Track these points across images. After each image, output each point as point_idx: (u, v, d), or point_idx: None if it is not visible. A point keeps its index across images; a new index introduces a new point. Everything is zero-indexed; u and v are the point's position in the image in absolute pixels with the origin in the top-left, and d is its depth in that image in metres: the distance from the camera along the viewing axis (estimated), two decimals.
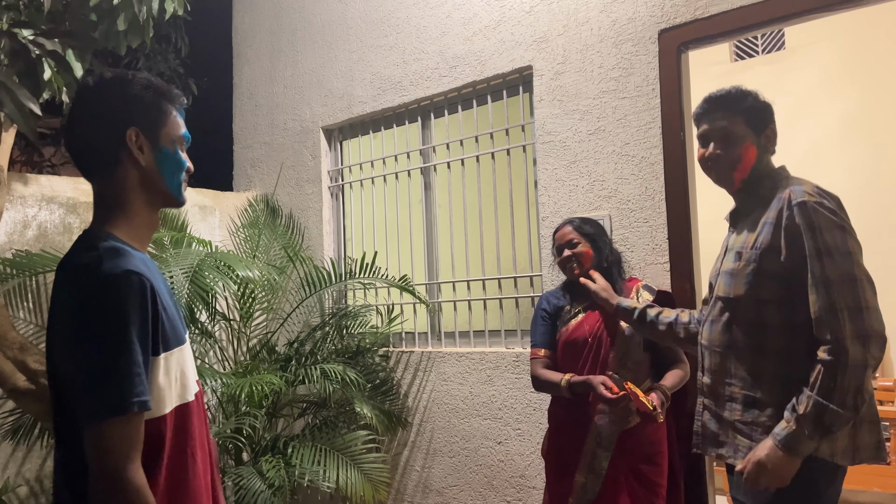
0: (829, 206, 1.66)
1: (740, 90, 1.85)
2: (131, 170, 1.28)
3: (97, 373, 1.13)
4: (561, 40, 3.21)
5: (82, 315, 1.15)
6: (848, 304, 1.58)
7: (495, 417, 3.36)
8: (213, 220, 4.38)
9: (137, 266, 1.19)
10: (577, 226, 2.50)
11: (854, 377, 1.55)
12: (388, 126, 4.05)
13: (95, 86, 1.27)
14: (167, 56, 5.48)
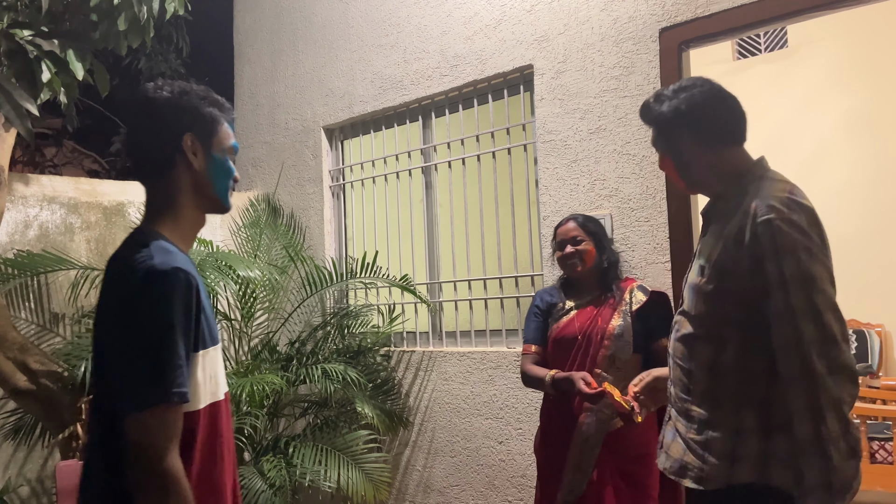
0: (797, 223, 1.47)
1: (653, 98, 1.72)
2: (184, 173, 1.35)
3: (142, 363, 1.19)
4: (562, 39, 3.20)
5: (131, 307, 1.20)
6: (816, 340, 1.41)
7: (497, 417, 3.36)
8: (215, 220, 4.38)
9: (185, 264, 1.26)
10: (581, 222, 2.47)
11: (838, 418, 1.38)
12: (388, 125, 4.05)
13: (156, 94, 1.34)
14: (168, 56, 5.48)
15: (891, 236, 5.25)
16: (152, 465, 1.17)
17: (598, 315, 2.38)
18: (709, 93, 1.67)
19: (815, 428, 1.39)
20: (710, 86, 1.68)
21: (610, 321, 2.35)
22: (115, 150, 5.73)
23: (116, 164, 5.80)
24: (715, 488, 1.56)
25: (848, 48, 5.58)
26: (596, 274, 2.46)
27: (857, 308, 5.31)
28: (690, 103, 1.66)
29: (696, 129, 1.66)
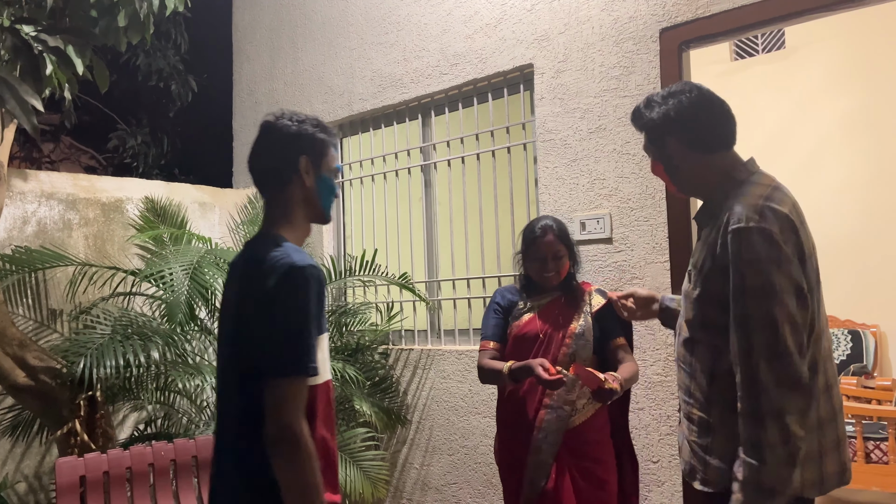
0: (766, 232, 1.48)
1: (643, 104, 1.75)
2: (298, 189, 1.59)
3: (285, 340, 1.42)
4: (562, 38, 3.21)
5: (275, 296, 1.43)
6: (764, 352, 1.45)
7: (492, 416, 3.35)
8: (213, 217, 4.37)
9: (315, 262, 1.51)
10: (558, 235, 2.44)
11: (778, 426, 1.43)
12: (388, 123, 4.05)
13: (278, 121, 1.61)
14: (167, 52, 5.46)
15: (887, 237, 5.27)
16: (285, 425, 1.37)
17: (559, 315, 2.42)
18: (697, 98, 1.68)
19: (754, 432, 1.45)
20: (699, 91, 1.69)
21: (571, 321, 2.39)
22: (113, 147, 5.71)
23: (114, 160, 5.79)
24: (719, 490, 1.58)
25: (845, 50, 5.60)
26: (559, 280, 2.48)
27: (852, 309, 5.34)
28: (678, 109, 1.67)
29: (684, 135, 1.67)
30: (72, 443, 2.91)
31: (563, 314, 2.42)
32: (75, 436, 2.86)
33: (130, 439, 3.36)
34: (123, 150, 5.66)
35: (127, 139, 5.64)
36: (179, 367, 3.26)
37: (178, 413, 3.68)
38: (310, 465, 1.39)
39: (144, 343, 3.05)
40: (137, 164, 5.61)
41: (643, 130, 1.76)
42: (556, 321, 2.41)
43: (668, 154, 1.71)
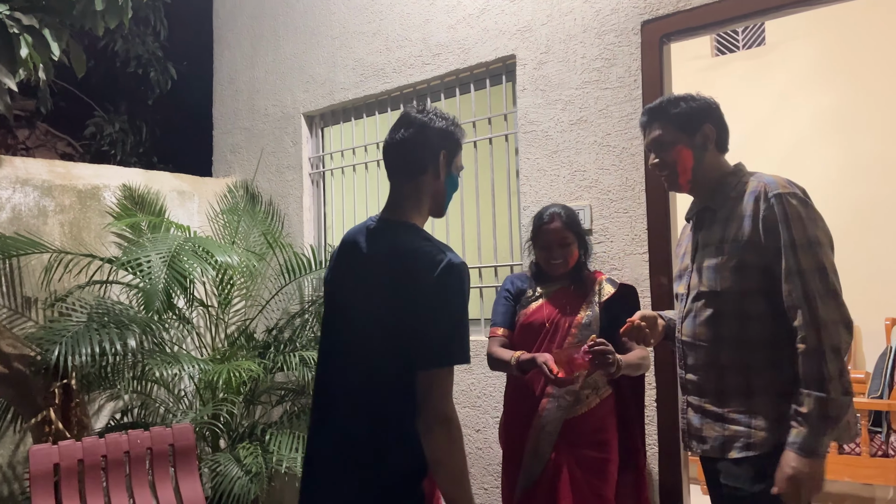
0: (801, 197, 1.73)
1: (671, 99, 1.92)
2: (431, 180, 1.68)
3: (448, 333, 1.51)
4: (544, 30, 3.21)
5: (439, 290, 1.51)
6: (820, 293, 1.64)
7: (474, 405, 3.37)
8: (192, 206, 4.33)
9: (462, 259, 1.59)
10: (566, 222, 2.43)
11: (837, 360, 1.61)
12: (370, 113, 4.03)
13: (426, 115, 1.68)
14: (146, 38, 5.39)
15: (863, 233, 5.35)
16: (443, 410, 1.48)
17: (566, 304, 2.42)
18: (718, 105, 1.93)
19: (817, 368, 1.62)
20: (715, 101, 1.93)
21: (579, 311, 2.39)
22: (90, 134, 5.63)
23: (91, 147, 5.70)
24: (763, 452, 1.71)
25: (824, 47, 5.66)
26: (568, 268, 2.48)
27: None
28: (711, 105, 1.91)
29: (717, 127, 1.89)
30: (46, 431, 2.87)
31: (571, 303, 2.42)
32: (50, 424, 2.83)
33: (106, 428, 3.33)
34: (101, 137, 5.58)
35: (104, 126, 5.56)
36: (157, 355, 3.23)
37: (155, 402, 3.65)
38: (460, 442, 1.51)
39: (121, 331, 3.02)
40: (115, 151, 5.54)
41: (673, 120, 1.89)
42: (564, 310, 2.41)
43: (700, 142, 1.88)
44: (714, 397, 1.82)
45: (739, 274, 1.76)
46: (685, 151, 1.88)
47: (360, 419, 1.60)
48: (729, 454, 1.77)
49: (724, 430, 1.79)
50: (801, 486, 1.63)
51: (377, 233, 1.67)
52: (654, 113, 1.93)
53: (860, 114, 5.49)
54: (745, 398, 1.76)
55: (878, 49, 5.45)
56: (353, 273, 1.68)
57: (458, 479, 1.50)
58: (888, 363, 4.05)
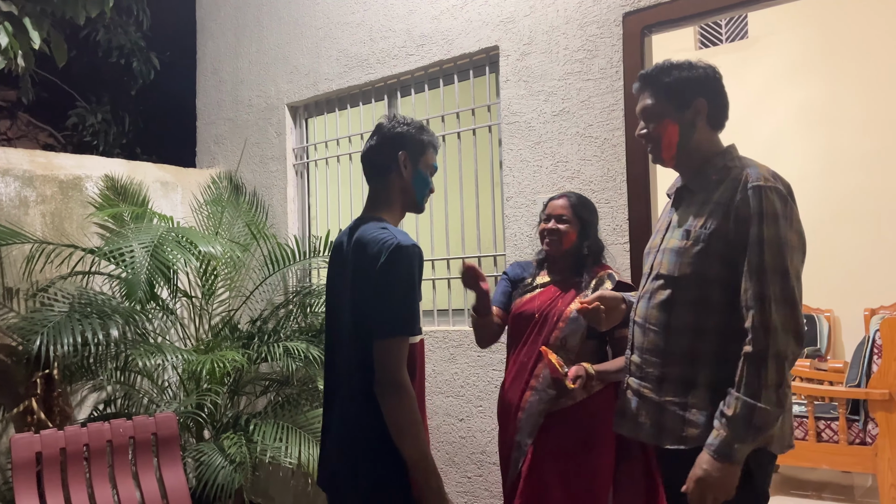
0: (782, 193, 1.62)
1: (667, 65, 1.79)
2: (396, 179, 1.86)
3: (394, 306, 1.67)
4: (527, 21, 3.22)
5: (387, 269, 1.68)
6: (776, 297, 1.55)
7: (457, 395, 3.40)
8: (175, 197, 4.32)
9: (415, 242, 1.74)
10: (573, 203, 2.39)
11: (778, 370, 1.54)
12: (354, 104, 4.03)
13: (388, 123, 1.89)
14: (128, 28, 5.34)
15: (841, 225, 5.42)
16: (391, 376, 1.64)
17: (559, 297, 2.35)
18: (718, 76, 1.79)
19: (755, 374, 1.55)
20: (718, 70, 1.80)
21: (569, 304, 2.30)
22: (72, 124, 5.58)
23: (73, 138, 5.66)
24: (695, 447, 1.64)
25: (805, 41, 5.72)
26: (572, 257, 2.40)
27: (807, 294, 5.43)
28: (709, 77, 1.77)
29: (710, 101, 1.76)
30: (28, 421, 2.87)
31: (564, 297, 2.34)
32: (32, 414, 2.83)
33: (90, 419, 3.32)
34: (83, 128, 5.54)
35: (87, 117, 5.52)
36: (140, 346, 3.23)
37: (138, 393, 3.64)
38: (412, 405, 1.65)
39: (104, 321, 3.01)
40: (98, 142, 5.50)
41: (664, 89, 1.77)
42: (555, 303, 2.33)
43: (689, 117, 1.76)
44: (654, 384, 1.75)
45: (701, 262, 1.67)
46: (671, 126, 1.77)
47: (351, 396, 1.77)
48: (662, 444, 1.72)
49: (660, 417, 1.72)
50: (709, 490, 1.57)
51: (352, 230, 1.87)
52: (646, 80, 1.81)
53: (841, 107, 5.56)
54: (685, 390, 1.69)
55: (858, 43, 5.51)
56: (336, 267, 1.90)
57: (413, 438, 1.64)
58: (865, 353, 4.12)
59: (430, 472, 1.66)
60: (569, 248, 2.37)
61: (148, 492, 2.50)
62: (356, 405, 1.76)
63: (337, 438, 1.83)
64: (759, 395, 1.53)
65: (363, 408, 1.73)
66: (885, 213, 5.30)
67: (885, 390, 3.71)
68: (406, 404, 1.65)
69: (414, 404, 1.67)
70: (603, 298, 1.99)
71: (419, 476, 1.66)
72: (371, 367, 1.68)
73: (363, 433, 1.74)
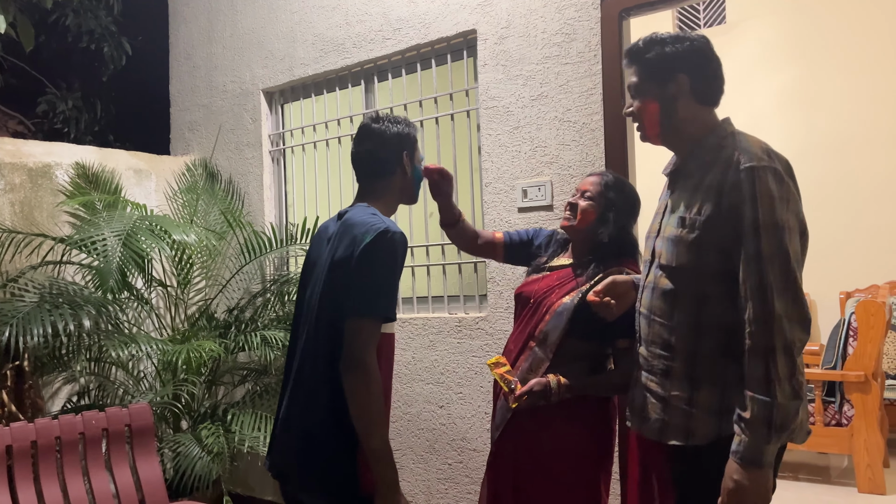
0: (777, 172, 1.52)
1: (649, 39, 1.70)
2: (400, 178, 1.91)
3: (373, 287, 1.68)
4: (505, 4, 3.19)
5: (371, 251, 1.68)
6: (777, 284, 1.47)
7: (438, 382, 3.38)
8: (149, 185, 4.24)
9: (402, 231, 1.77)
10: (604, 183, 2.16)
11: (788, 360, 1.45)
12: (330, 89, 3.97)
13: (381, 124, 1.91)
14: (98, 13, 5.21)
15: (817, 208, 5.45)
16: (359, 355, 1.63)
17: (558, 286, 2.14)
18: (708, 47, 1.69)
19: (764, 368, 1.45)
20: (708, 41, 1.70)
21: (563, 297, 2.09)
22: (42, 112, 5.46)
23: (44, 125, 5.53)
24: (702, 443, 1.59)
25: (782, 26, 5.74)
26: (588, 243, 2.16)
27: None
28: (693, 50, 1.67)
29: (693, 76, 1.67)
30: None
31: (563, 285, 2.12)
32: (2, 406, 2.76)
33: (63, 411, 3.26)
34: (54, 115, 5.41)
35: (57, 104, 5.39)
36: (114, 336, 3.17)
37: (113, 385, 3.59)
38: (376, 387, 1.64)
39: (75, 311, 2.95)
40: (69, 129, 5.38)
41: (644, 66, 1.69)
42: (553, 292, 2.13)
43: (670, 94, 1.67)
44: (660, 377, 1.67)
45: (697, 253, 1.59)
46: (651, 104, 1.69)
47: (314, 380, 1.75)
48: (667, 440, 1.64)
49: (665, 413, 1.65)
50: (743, 500, 1.47)
51: (341, 215, 1.89)
52: (630, 55, 1.73)
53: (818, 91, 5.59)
54: (691, 385, 1.61)
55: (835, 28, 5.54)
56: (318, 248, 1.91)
57: (373, 424, 1.63)
58: (841, 335, 4.16)
59: (385, 462, 1.65)
60: (584, 228, 2.13)
61: (122, 484, 2.46)
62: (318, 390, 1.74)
63: (290, 425, 1.80)
64: (773, 391, 1.44)
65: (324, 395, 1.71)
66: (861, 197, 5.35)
67: (860, 372, 3.76)
68: (370, 387, 1.63)
69: (379, 388, 1.65)
70: (615, 284, 1.87)
71: (375, 464, 1.64)
72: (339, 353, 1.66)
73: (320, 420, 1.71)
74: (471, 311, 3.38)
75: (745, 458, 1.46)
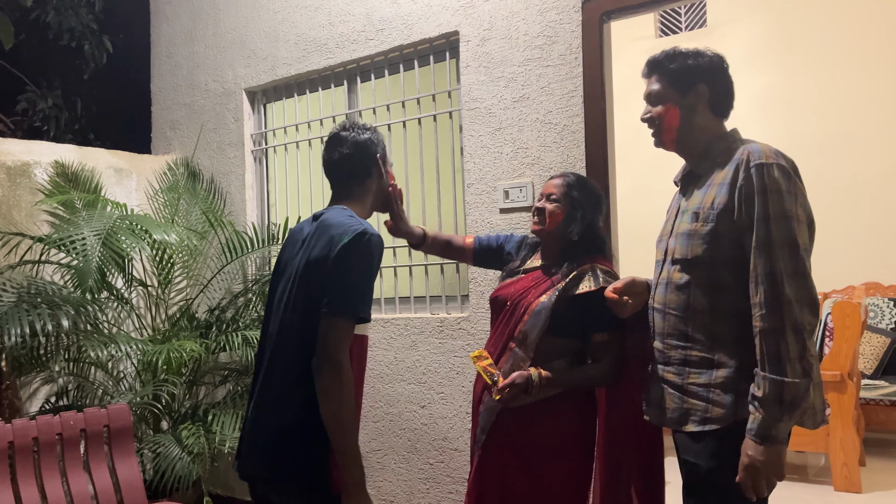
0: (785, 169, 1.65)
1: (673, 52, 1.85)
2: (376, 180, 2.01)
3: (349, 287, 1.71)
4: (487, 6, 3.20)
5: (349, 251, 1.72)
6: (787, 270, 1.57)
7: (419, 382, 3.39)
8: (130, 184, 4.21)
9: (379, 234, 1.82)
10: (567, 183, 2.20)
11: (798, 341, 1.55)
12: (313, 89, 3.97)
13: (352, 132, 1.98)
14: (79, 10, 5.18)
15: None
16: (332, 354, 1.65)
17: (533, 286, 2.16)
18: (724, 63, 1.85)
19: (775, 348, 1.56)
20: (724, 59, 1.85)
21: (541, 295, 2.11)
22: (22, 110, 5.41)
23: (23, 123, 5.48)
24: (720, 427, 1.67)
25: (763, 29, 5.80)
26: (559, 243, 2.19)
27: None
28: (714, 64, 1.82)
29: (713, 88, 1.82)
30: None
31: (539, 286, 2.15)
32: None
33: (41, 412, 3.24)
34: (33, 113, 5.37)
35: (37, 102, 5.35)
36: (93, 336, 3.15)
37: (92, 385, 3.56)
38: (348, 389, 1.66)
39: (53, 311, 2.93)
40: (49, 128, 5.34)
41: (669, 74, 1.83)
42: (528, 292, 2.15)
43: (690, 102, 1.81)
44: (677, 367, 1.77)
45: (712, 242, 1.70)
46: (672, 110, 1.82)
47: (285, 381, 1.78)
48: (686, 427, 1.73)
49: (683, 402, 1.74)
50: (759, 475, 1.58)
51: (316, 216, 1.93)
52: (652, 65, 1.87)
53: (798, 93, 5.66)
54: (708, 371, 1.71)
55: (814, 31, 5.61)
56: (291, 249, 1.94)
57: (342, 423, 1.65)
58: (818, 335, 4.22)
59: (353, 462, 1.67)
60: (553, 230, 2.17)
61: (101, 485, 2.44)
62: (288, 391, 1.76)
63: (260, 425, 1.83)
64: (783, 370, 1.54)
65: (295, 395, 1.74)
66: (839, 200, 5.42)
67: (836, 372, 3.81)
68: (342, 386, 1.65)
69: (350, 388, 1.68)
70: (633, 283, 1.93)
71: (343, 463, 1.66)
72: (311, 352, 1.69)
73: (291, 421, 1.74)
74: (453, 312, 3.39)
75: (759, 435, 1.57)
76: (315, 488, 1.71)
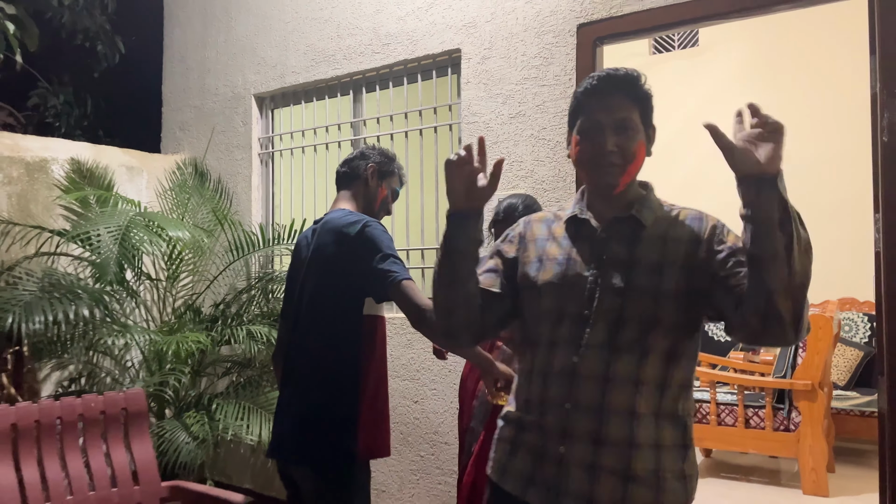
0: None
1: (634, 73, 1.47)
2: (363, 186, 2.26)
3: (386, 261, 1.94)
4: (488, 27, 3.41)
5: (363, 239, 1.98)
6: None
7: (413, 378, 3.58)
8: (141, 181, 4.39)
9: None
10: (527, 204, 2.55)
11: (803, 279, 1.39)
12: (320, 97, 4.16)
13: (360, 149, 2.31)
14: (93, 12, 5.35)
15: None
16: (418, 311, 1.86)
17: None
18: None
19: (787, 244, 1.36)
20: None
21: None
22: (33, 105, 5.57)
23: (34, 118, 5.65)
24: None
25: (752, 50, 6.03)
26: None
27: None
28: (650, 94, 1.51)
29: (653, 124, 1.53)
30: None
31: None
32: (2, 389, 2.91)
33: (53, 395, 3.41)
34: (45, 108, 5.54)
35: (48, 98, 5.52)
36: (111, 325, 3.33)
37: (101, 372, 3.73)
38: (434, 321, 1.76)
39: (73, 301, 3.11)
40: (59, 124, 5.51)
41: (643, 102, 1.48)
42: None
43: (649, 134, 1.51)
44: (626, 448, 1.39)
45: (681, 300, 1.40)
46: (643, 148, 1.47)
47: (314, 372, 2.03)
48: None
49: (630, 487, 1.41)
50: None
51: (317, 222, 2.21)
52: (620, 84, 1.46)
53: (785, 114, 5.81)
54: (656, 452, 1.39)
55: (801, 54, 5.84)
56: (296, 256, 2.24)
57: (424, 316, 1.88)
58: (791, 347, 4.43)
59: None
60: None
61: (118, 464, 2.62)
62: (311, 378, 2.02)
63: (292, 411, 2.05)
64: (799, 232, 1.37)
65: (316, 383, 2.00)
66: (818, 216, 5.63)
67: (808, 381, 4.03)
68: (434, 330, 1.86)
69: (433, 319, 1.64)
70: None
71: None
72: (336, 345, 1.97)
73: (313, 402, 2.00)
74: None
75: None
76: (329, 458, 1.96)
